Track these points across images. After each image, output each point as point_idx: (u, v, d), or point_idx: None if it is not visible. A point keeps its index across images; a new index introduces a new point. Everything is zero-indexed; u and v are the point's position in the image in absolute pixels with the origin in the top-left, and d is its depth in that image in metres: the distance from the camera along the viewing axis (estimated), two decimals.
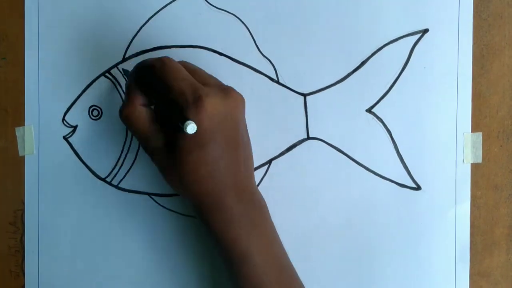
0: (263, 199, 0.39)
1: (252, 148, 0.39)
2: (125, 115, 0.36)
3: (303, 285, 0.39)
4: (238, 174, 0.36)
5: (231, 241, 0.36)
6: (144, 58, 0.42)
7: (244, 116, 0.38)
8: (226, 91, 0.35)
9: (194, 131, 0.31)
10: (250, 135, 0.38)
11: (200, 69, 0.38)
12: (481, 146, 0.42)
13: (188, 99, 0.33)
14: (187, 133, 0.31)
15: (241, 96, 0.36)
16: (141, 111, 0.36)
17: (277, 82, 0.42)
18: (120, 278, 0.43)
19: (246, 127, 0.39)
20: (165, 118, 0.36)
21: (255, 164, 0.42)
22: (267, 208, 0.39)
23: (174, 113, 0.33)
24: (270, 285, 0.36)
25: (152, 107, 0.37)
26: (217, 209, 0.36)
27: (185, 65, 0.37)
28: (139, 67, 0.36)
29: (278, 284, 0.37)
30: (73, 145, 0.43)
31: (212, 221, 0.36)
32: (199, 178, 0.34)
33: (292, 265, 0.39)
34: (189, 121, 0.31)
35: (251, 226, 0.36)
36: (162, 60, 0.35)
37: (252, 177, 0.39)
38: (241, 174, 0.36)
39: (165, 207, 0.43)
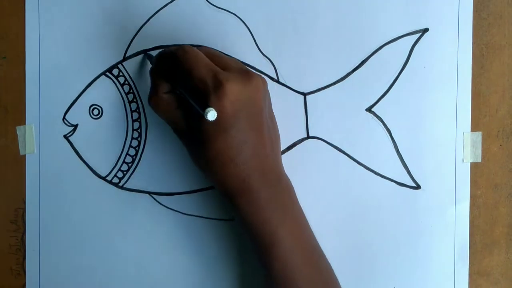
0: (290, 181, 0.39)
1: None
2: (152, 102, 0.37)
3: (330, 266, 0.39)
4: (263, 157, 0.36)
5: (260, 224, 0.36)
6: (145, 58, 0.42)
7: (268, 98, 0.38)
8: (247, 75, 0.35)
9: (215, 118, 0.32)
10: None
11: (221, 53, 0.38)
12: (480, 145, 0.42)
13: (209, 85, 0.33)
14: (207, 120, 0.32)
15: (263, 79, 0.36)
16: (165, 98, 0.37)
17: (277, 81, 0.42)
18: (120, 276, 0.44)
19: (271, 109, 0.39)
20: (188, 105, 0.36)
21: None
22: (294, 191, 0.39)
23: (196, 99, 0.34)
24: (299, 267, 0.37)
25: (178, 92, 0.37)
26: (244, 193, 0.36)
27: (206, 50, 0.37)
28: (161, 55, 0.36)
29: (307, 265, 0.37)
30: (74, 144, 0.43)
31: (240, 204, 0.36)
32: (224, 163, 0.35)
33: (319, 247, 0.39)
34: (209, 108, 0.32)
35: (279, 208, 0.37)
36: (183, 48, 0.35)
37: (278, 159, 0.39)
38: (267, 157, 0.36)
39: (165, 206, 0.43)
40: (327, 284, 0.38)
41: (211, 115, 0.32)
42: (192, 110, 0.36)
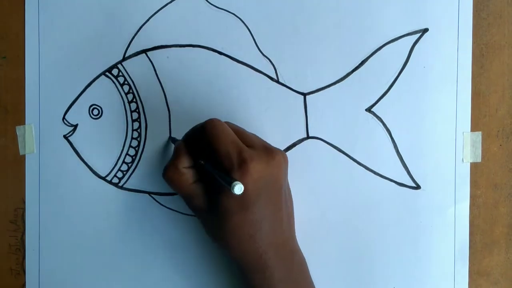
0: (304, 258, 0.39)
1: None
2: (168, 176, 0.37)
3: None
4: (280, 234, 0.37)
5: None
6: (144, 58, 0.42)
7: (287, 175, 0.38)
8: (270, 154, 0.35)
9: (241, 191, 0.32)
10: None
11: (243, 129, 0.38)
12: (480, 145, 0.42)
13: (234, 162, 0.34)
14: (234, 193, 0.32)
15: (284, 156, 0.37)
16: (184, 172, 0.36)
17: (277, 81, 0.42)
18: (120, 276, 0.44)
19: (289, 185, 0.39)
20: (209, 179, 0.36)
21: None
22: (307, 265, 0.39)
23: (219, 174, 0.34)
24: None
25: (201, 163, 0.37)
26: (258, 269, 0.36)
27: (230, 125, 0.37)
28: (193, 129, 0.37)
29: None
30: (73, 144, 0.43)
31: (252, 280, 0.37)
32: (241, 239, 0.35)
33: None
34: (237, 182, 0.32)
35: (291, 285, 0.37)
36: (212, 122, 0.35)
37: (293, 233, 0.39)
38: (283, 233, 0.37)
39: (165, 206, 0.43)
40: None
41: (238, 188, 0.32)
42: (212, 185, 0.36)
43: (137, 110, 0.43)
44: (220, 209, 0.35)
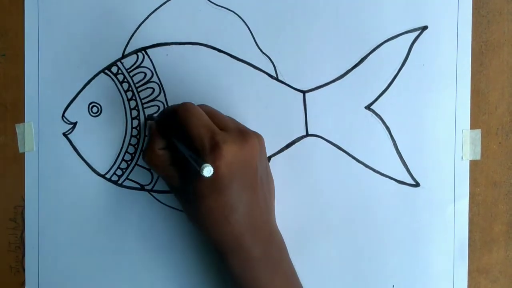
0: (282, 238, 0.39)
1: None
2: (146, 157, 0.38)
3: None
4: (256, 216, 0.36)
5: (249, 281, 0.36)
6: (143, 56, 0.42)
7: (264, 157, 0.38)
8: (244, 136, 0.35)
9: (211, 174, 0.32)
10: None
11: (218, 112, 0.38)
12: (480, 143, 0.42)
13: (206, 145, 0.33)
14: (203, 176, 0.31)
15: (260, 139, 0.37)
16: (160, 153, 0.37)
17: (276, 79, 0.42)
18: (119, 273, 0.44)
19: (267, 166, 0.39)
20: (184, 161, 0.36)
21: None
22: (286, 248, 0.39)
23: (191, 156, 0.34)
24: None
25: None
26: (235, 251, 0.36)
27: (206, 108, 0.37)
28: (164, 111, 0.37)
29: None
30: (73, 142, 0.43)
31: (231, 262, 0.36)
32: (217, 221, 0.35)
33: None
34: (206, 164, 0.31)
35: (269, 266, 0.37)
36: (185, 106, 0.35)
37: (271, 216, 0.39)
38: (260, 216, 0.37)
39: (164, 204, 0.43)
40: None
41: (207, 171, 0.31)
42: (187, 167, 0.36)
43: (136, 108, 0.43)
44: (194, 191, 0.35)
